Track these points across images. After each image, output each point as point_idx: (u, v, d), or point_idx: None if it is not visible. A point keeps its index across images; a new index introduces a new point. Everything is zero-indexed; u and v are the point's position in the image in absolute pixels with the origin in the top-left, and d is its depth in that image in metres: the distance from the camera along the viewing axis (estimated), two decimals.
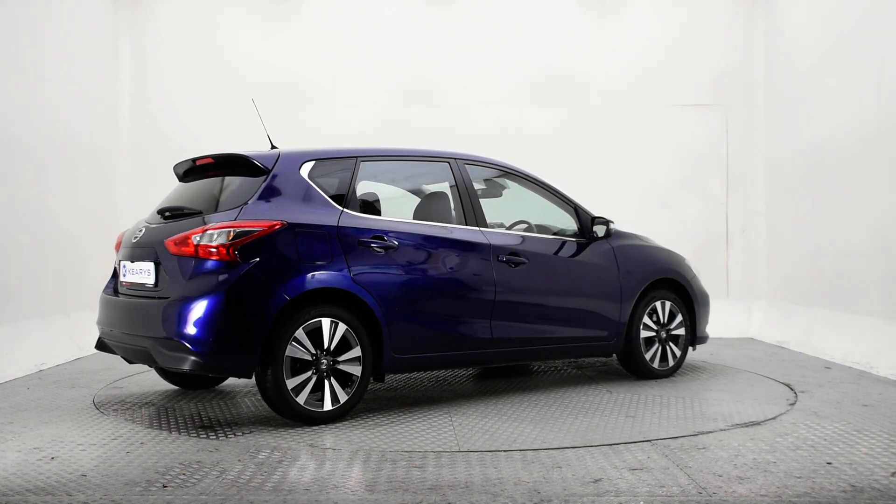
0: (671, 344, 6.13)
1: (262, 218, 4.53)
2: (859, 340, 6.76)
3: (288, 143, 8.26)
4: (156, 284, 4.72)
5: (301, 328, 4.50)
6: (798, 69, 8.30)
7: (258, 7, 9.19)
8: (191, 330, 4.34)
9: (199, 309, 4.34)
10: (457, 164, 5.43)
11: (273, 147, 5.27)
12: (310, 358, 4.55)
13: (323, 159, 4.95)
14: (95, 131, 8.52)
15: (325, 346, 4.58)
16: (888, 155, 6.54)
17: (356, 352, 4.67)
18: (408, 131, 8.94)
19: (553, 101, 9.15)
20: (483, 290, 5.19)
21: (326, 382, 4.60)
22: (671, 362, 6.12)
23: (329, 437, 4.40)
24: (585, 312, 5.69)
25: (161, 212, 5.05)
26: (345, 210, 4.83)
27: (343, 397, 4.66)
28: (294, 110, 9.06)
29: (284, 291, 4.44)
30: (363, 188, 5.18)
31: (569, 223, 5.87)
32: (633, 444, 4.19)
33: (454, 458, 3.98)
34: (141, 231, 5.06)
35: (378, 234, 4.84)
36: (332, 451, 4.11)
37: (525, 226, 5.85)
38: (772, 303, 8.81)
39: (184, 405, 5.23)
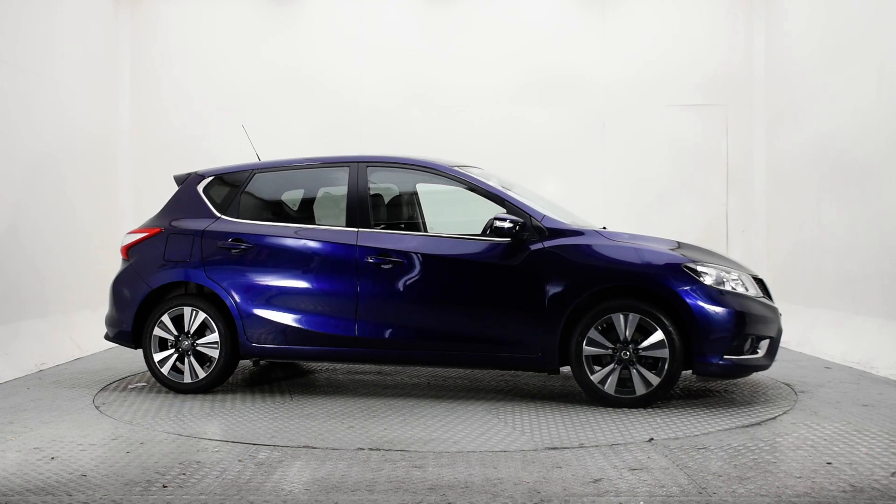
0: (640, 367, 4.94)
1: (152, 225, 5.81)
2: (859, 340, 6.75)
3: (286, 147, 8.30)
4: None
5: (167, 313, 5.56)
6: (798, 68, 8.30)
7: (258, 8, 9.19)
8: (106, 311, 5.96)
9: (109, 295, 5.88)
10: (356, 168, 5.57)
11: (259, 159, 6.15)
12: (172, 338, 5.56)
13: (221, 174, 5.89)
14: (96, 132, 8.52)
15: (186, 329, 5.53)
16: (888, 154, 6.54)
17: (214, 337, 5.49)
18: (407, 130, 8.96)
19: (553, 100, 9.14)
20: (344, 289, 5.34)
21: (186, 360, 5.53)
22: (639, 389, 4.94)
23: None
24: (485, 319, 5.18)
25: None
26: (222, 217, 5.67)
27: (202, 374, 5.52)
28: (294, 111, 9.06)
29: (148, 283, 5.65)
30: (252, 197, 5.86)
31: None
32: (633, 444, 4.19)
33: (454, 458, 3.98)
34: None
35: (236, 238, 5.55)
36: (333, 451, 4.12)
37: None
38: None
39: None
